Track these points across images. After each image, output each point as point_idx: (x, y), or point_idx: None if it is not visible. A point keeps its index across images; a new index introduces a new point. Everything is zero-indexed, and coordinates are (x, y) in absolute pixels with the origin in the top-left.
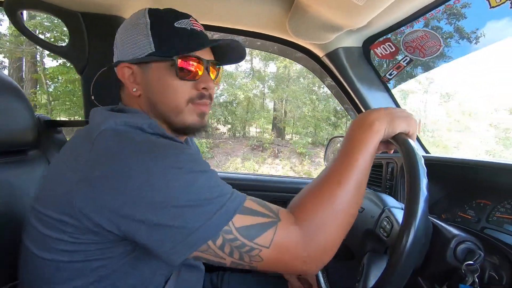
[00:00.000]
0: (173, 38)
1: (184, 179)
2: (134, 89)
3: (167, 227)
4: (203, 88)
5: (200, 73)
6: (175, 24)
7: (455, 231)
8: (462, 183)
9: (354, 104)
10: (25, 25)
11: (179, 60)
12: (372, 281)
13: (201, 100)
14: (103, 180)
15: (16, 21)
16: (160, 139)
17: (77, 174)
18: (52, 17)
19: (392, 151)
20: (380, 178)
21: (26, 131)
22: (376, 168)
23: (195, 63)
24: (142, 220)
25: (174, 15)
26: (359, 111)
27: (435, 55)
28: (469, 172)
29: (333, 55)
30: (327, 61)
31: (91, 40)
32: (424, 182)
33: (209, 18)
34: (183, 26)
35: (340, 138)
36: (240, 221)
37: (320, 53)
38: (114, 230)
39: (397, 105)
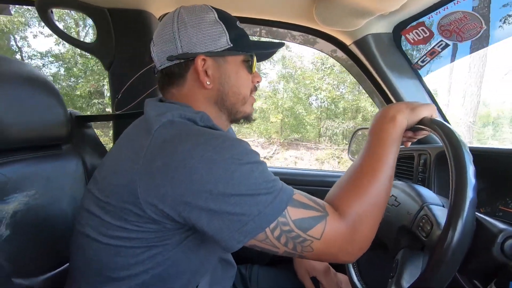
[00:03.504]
0: (243, 35)
1: (243, 169)
2: (208, 82)
3: (227, 214)
4: (257, 81)
5: (254, 67)
6: (237, 24)
7: (501, 225)
8: (503, 175)
9: (383, 94)
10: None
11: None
12: (406, 279)
13: (254, 92)
14: (165, 169)
15: (46, 19)
16: (215, 131)
17: (139, 165)
18: None
19: (409, 144)
20: (411, 170)
21: (60, 126)
22: (407, 160)
23: (255, 59)
24: (204, 207)
25: (232, 16)
26: (388, 101)
27: (474, 38)
28: (511, 163)
29: (361, 43)
30: (355, 49)
31: (118, 36)
32: (471, 169)
33: (233, 9)
34: (241, 27)
35: (365, 130)
36: (294, 213)
37: (347, 41)
38: (175, 217)
39: (429, 93)
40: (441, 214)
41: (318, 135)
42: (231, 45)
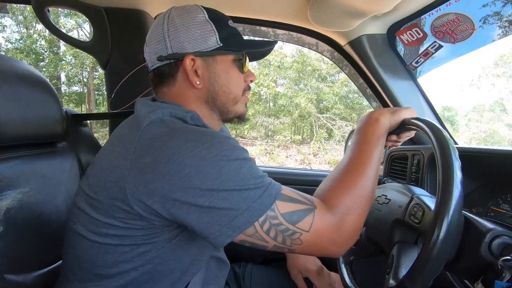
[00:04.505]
0: (234, 35)
1: (231, 165)
2: (198, 82)
3: (216, 209)
4: (251, 80)
5: (246, 66)
6: (229, 23)
7: (489, 225)
8: (495, 175)
9: (378, 94)
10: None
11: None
12: (403, 271)
13: (248, 91)
14: (153, 166)
15: (43, 18)
16: (203, 129)
17: (128, 162)
18: None
19: (392, 147)
20: (405, 171)
21: (55, 123)
22: (401, 161)
23: (247, 58)
24: (192, 203)
25: (224, 15)
26: (382, 101)
27: (467, 39)
28: (503, 164)
29: (356, 43)
30: (349, 49)
31: (114, 35)
32: (457, 164)
33: (227, 9)
34: (234, 26)
35: None
36: (283, 207)
37: (342, 42)
38: (164, 214)
39: (423, 94)
40: (431, 201)
41: (265, 131)
42: (221, 44)
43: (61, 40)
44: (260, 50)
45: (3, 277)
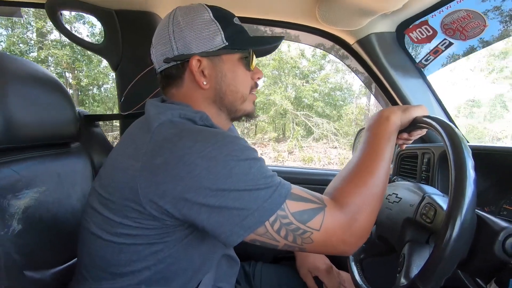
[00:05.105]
0: (240, 33)
1: (241, 165)
2: (205, 82)
3: (227, 209)
4: (258, 78)
5: (253, 64)
6: (234, 21)
7: (503, 223)
8: (508, 174)
9: (387, 93)
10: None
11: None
12: (415, 270)
13: (255, 89)
14: (164, 167)
15: (56, 21)
16: (213, 129)
17: (139, 163)
18: None
19: (404, 146)
20: (415, 169)
21: (69, 124)
22: (411, 159)
23: (254, 56)
24: (203, 203)
25: (229, 12)
26: (391, 99)
27: (478, 37)
28: None
29: (364, 42)
30: (358, 48)
31: (125, 37)
32: (469, 162)
33: (235, 9)
34: (239, 23)
35: None
36: (293, 206)
37: (350, 40)
38: (175, 214)
39: (434, 93)
40: (443, 201)
41: (240, 130)
42: (227, 43)
43: (40, 42)
44: (266, 47)
45: (23, 273)
